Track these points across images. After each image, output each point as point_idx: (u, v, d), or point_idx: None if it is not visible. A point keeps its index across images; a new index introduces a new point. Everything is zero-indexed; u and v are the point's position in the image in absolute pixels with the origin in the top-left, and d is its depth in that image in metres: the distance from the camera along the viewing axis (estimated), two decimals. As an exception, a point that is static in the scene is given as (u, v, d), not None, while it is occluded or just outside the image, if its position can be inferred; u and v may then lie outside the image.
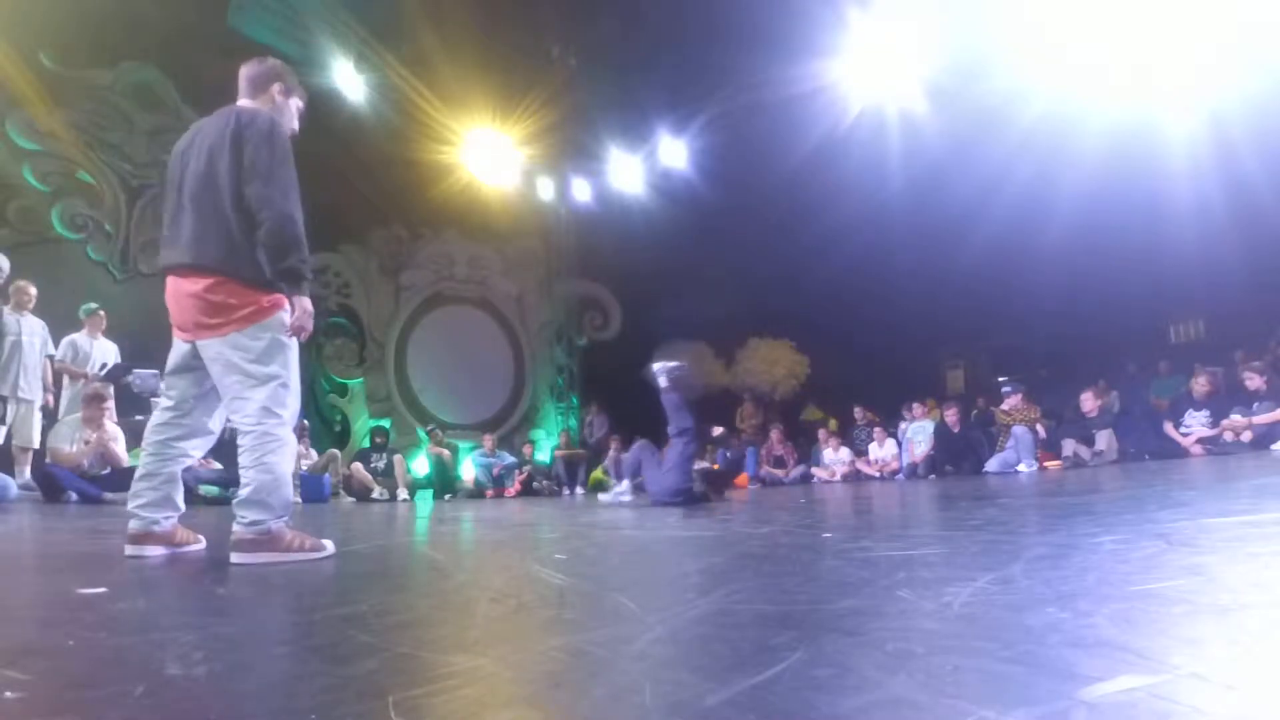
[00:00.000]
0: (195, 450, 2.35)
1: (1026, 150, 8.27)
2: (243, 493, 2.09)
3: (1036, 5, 7.48)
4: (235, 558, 2.06)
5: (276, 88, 2.38)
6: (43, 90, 7.97)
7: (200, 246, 2.13)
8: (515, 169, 11.53)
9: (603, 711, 0.78)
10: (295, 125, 2.46)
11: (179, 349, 2.28)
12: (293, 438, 2.23)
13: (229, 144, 2.13)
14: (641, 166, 11.42)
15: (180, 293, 2.18)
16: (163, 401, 2.32)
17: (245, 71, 2.39)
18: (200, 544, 2.38)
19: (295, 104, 2.46)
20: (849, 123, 9.32)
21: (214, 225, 2.13)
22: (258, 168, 2.11)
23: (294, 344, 2.24)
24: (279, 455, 2.12)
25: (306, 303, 2.19)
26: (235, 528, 2.09)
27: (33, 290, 6.21)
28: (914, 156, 9.34)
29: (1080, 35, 7.51)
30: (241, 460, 2.12)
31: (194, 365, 2.24)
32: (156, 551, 2.20)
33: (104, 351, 6.65)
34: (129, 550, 2.19)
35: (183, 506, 2.34)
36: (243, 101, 2.36)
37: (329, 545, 2.24)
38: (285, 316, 2.20)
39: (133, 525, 2.21)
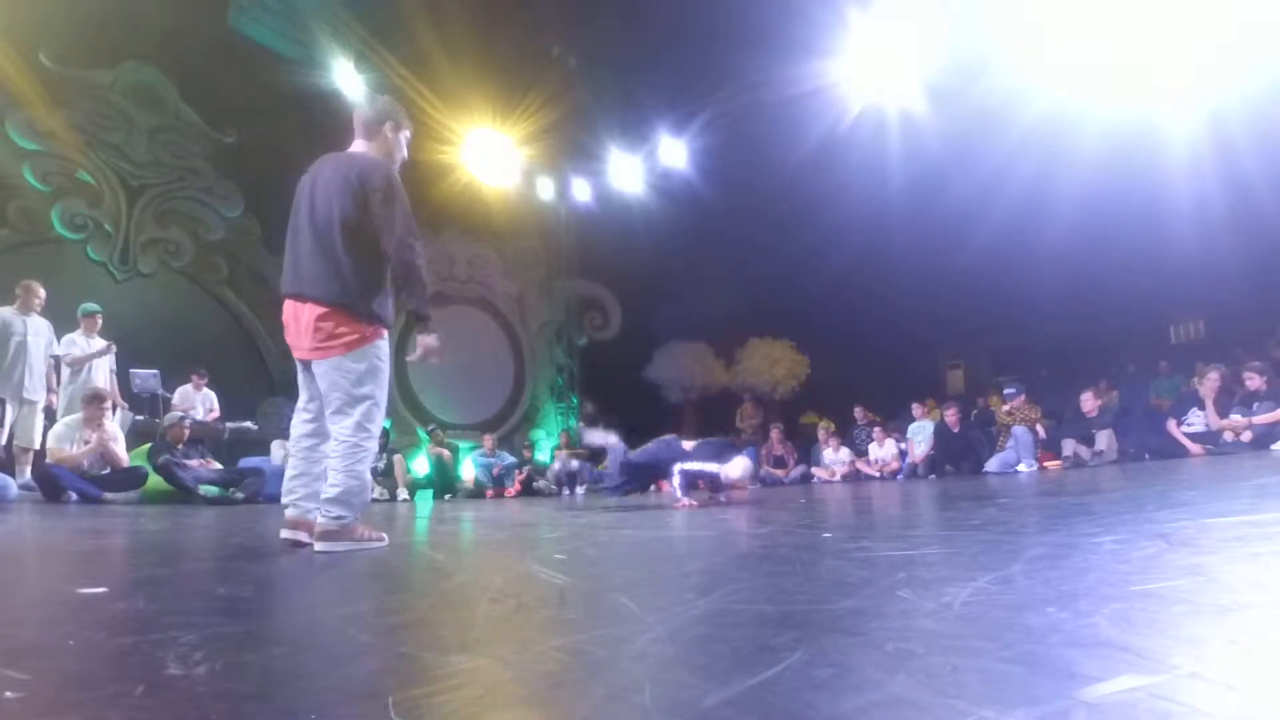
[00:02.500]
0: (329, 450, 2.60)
1: (1026, 150, 8.27)
2: (331, 492, 2.41)
3: (1036, 5, 7.48)
4: (319, 545, 2.38)
5: (388, 126, 2.67)
6: (43, 90, 7.97)
7: (320, 280, 2.44)
8: (515, 169, 11.54)
9: (603, 711, 0.78)
10: (405, 154, 2.76)
11: (300, 366, 2.60)
12: (375, 447, 2.56)
13: (352, 196, 2.43)
14: (641, 166, 11.43)
15: (300, 318, 2.48)
16: (302, 414, 2.61)
17: (359, 115, 2.67)
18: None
19: (405, 135, 2.74)
20: (849, 123, 9.32)
21: (331, 263, 2.44)
22: (388, 223, 2.44)
23: (387, 369, 2.58)
24: (365, 465, 2.48)
25: (432, 338, 2.64)
26: (320, 519, 2.41)
27: (40, 291, 6.22)
28: (914, 156, 9.34)
29: (1080, 35, 7.51)
30: (333, 464, 2.44)
31: (314, 380, 2.55)
32: (308, 537, 2.47)
33: (99, 347, 6.65)
34: (285, 534, 2.47)
35: None
36: (358, 145, 2.64)
37: (385, 537, 2.56)
38: (384, 345, 2.56)
39: (290, 513, 2.52)
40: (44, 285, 6.33)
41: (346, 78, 9.31)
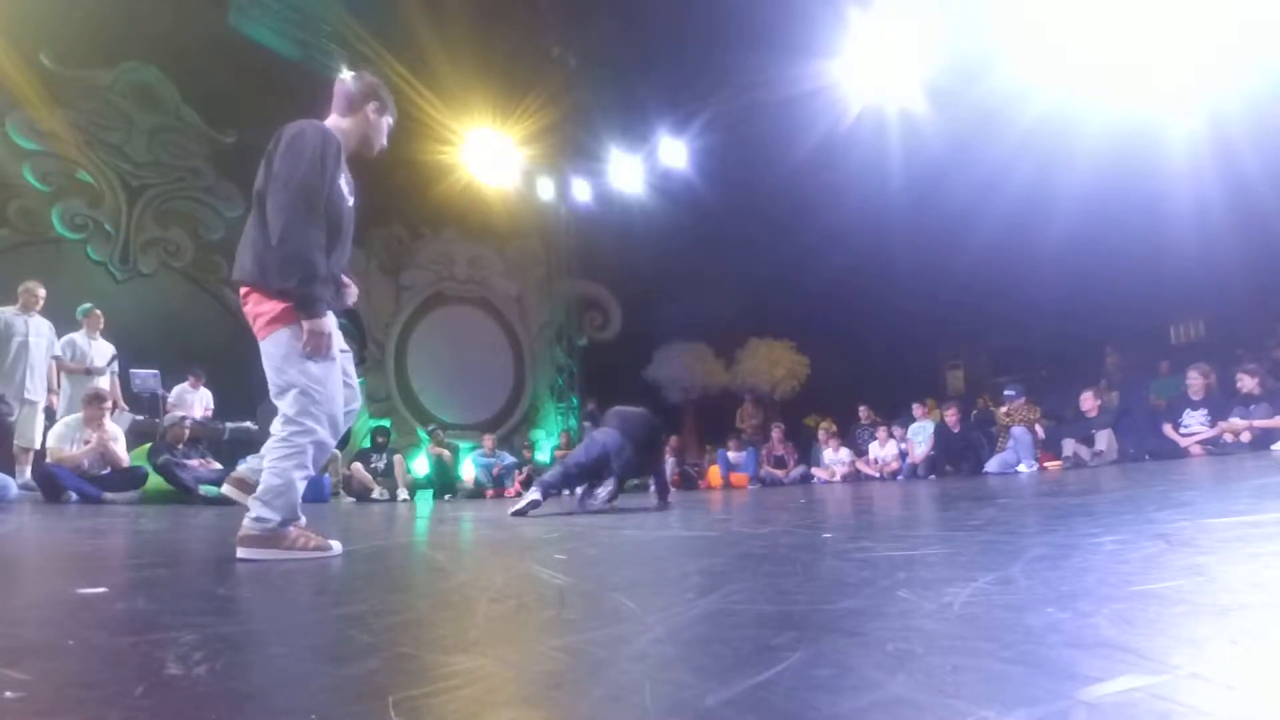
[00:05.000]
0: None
1: (1026, 150, 8.26)
2: (258, 490, 2.16)
3: (1036, 5, 7.48)
4: (239, 552, 2.13)
5: (372, 106, 2.40)
6: (43, 90, 7.97)
7: (241, 260, 2.21)
8: (515, 169, 11.53)
9: (603, 711, 0.78)
10: (385, 141, 2.48)
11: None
12: (318, 446, 2.21)
13: (266, 158, 2.19)
14: (641, 166, 11.42)
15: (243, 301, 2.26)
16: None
17: (340, 88, 2.41)
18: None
19: (387, 121, 2.48)
20: (849, 123, 9.31)
21: (251, 237, 2.19)
22: (278, 180, 2.11)
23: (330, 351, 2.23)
24: (289, 462, 2.14)
25: (318, 324, 2.14)
26: (244, 521, 2.16)
27: (41, 292, 6.23)
28: (914, 156, 9.34)
29: (1080, 35, 7.50)
30: (265, 461, 2.18)
31: None
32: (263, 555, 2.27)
33: (101, 351, 6.65)
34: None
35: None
36: (330, 120, 2.36)
37: (336, 545, 2.26)
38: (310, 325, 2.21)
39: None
40: (44, 285, 6.34)
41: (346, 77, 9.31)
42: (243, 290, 2.22)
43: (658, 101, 10.40)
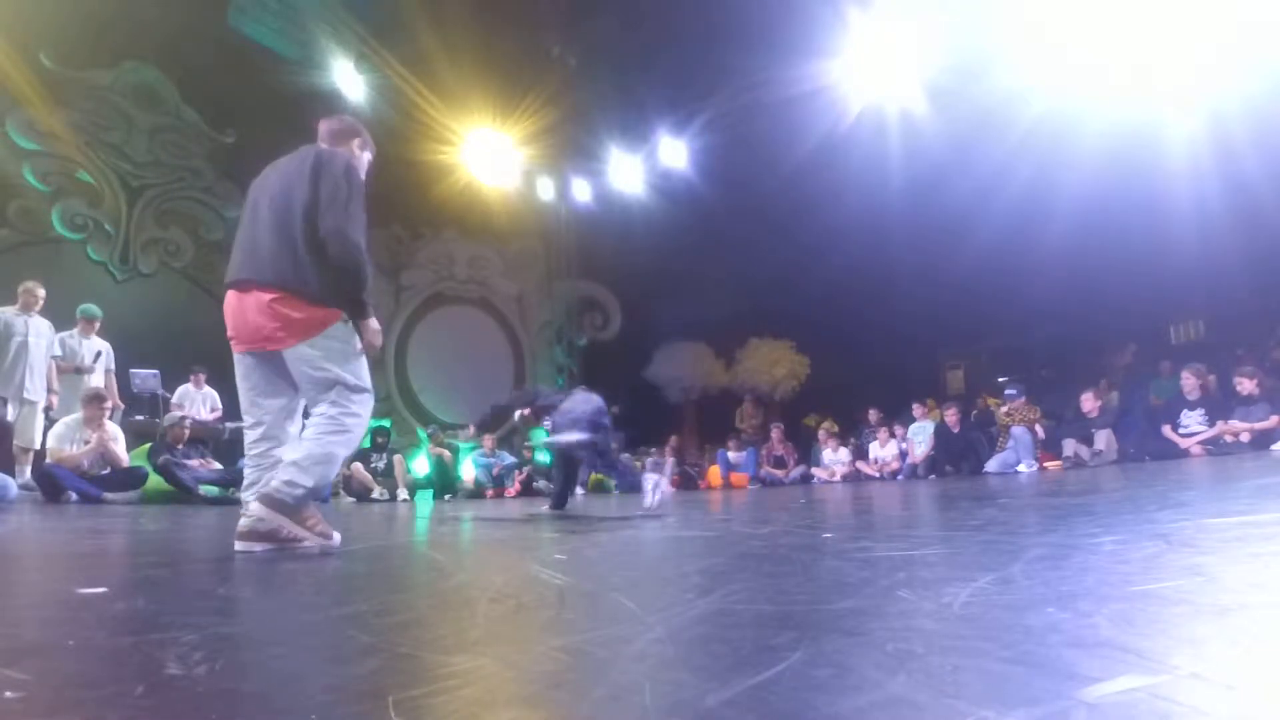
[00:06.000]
0: (289, 455, 2.44)
1: (1026, 150, 8.26)
2: (293, 455, 2.27)
3: (1036, 5, 7.48)
4: (253, 508, 2.22)
5: (356, 142, 2.66)
6: (43, 90, 7.97)
7: (270, 264, 2.32)
8: (515, 169, 11.53)
9: (603, 711, 0.78)
10: (362, 178, 2.68)
11: (244, 364, 2.44)
12: (358, 432, 2.38)
13: (307, 177, 2.35)
14: (641, 166, 11.42)
15: (246, 306, 2.34)
16: (246, 420, 2.49)
17: (325, 126, 2.65)
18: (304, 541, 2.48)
19: (367, 157, 2.70)
20: (849, 123, 9.31)
21: (285, 246, 2.32)
22: (335, 203, 2.31)
23: (352, 349, 2.39)
24: (336, 438, 2.29)
25: (372, 323, 2.44)
26: (272, 483, 2.24)
27: (40, 292, 6.22)
28: (914, 156, 9.33)
29: (1080, 35, 7.51)
30: (304, 435, 2.32)
31: (264, 377, 2.42)
32: (264, 547, 2.32)
33: (90, 348, 6.63)
34: (239, 546, 2.28)
35: None
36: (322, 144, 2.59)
37: (337, 537, 2.36)
38: (342, 328, 2.39)
39: (242, 524, 2.34)
40: (44, 285, 6.33)
41: (346, 78, 9.31)
42: (269, 295, 2.29)
43: (658, 101, 10.40)
